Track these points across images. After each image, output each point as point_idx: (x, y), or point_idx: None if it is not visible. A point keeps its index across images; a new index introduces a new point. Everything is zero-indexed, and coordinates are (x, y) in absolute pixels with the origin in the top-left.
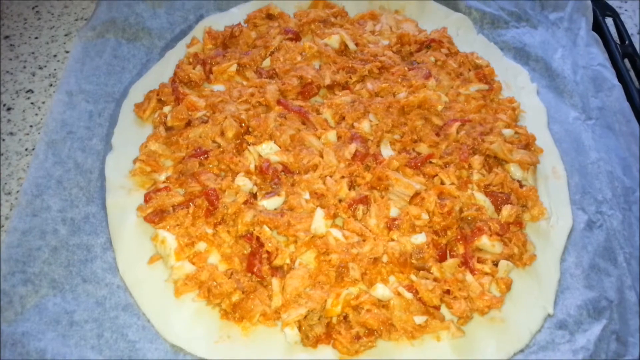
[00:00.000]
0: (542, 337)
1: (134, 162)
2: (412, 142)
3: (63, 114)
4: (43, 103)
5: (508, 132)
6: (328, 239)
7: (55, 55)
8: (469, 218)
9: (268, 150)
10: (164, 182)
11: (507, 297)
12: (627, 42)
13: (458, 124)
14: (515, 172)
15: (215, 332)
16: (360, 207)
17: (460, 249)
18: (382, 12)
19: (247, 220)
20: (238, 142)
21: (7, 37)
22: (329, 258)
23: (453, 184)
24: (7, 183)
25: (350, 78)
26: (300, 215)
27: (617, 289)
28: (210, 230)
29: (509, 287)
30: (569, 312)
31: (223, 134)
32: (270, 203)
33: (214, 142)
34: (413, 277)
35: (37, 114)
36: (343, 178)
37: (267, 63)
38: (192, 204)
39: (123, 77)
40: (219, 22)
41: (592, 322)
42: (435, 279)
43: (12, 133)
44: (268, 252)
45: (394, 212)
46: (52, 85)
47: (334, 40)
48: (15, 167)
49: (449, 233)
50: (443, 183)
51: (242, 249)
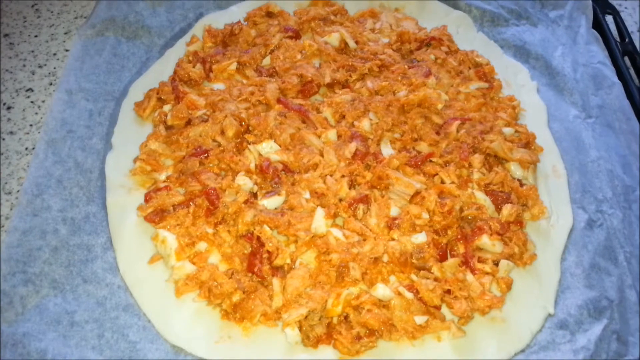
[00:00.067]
0: (542, 337)
1: (134, 161)
2: (412, 140)
3: (63, 113)
4: (43, 102)
5: (508, 130)
6: (328, 239)
7: (55, 54)
8: (470, 217)
9: (268, 149)
10: (164, 181)
11: (507, 296)
12: (627, 39)
13: (458, 123)
14: (516, 170)
15: (216, 332)
16: (361, 206)
17: (461, 249)
18: (382, 10)
19: (247, 220)
20: (238, 141)
21: (6, 35)
22: (330, 258)
23: (453, 183)
24: (7, 182)
25: (350, 76)
26: (301, 215)
27: (617, 289)
28: (211, 230)
29: (510, 286)
30: (570, 311)
31: (223, 133)
32: (271, 202)
33: (214, 141)
34: (413, 276)
35: (37, 113)
36: (343, 177)
37: (267, 61)
38: (192, 204)
39: (123, 75)
40: (219, 20)
41: (592, 321)
42: (436, 279)
43: (12, 132)
44: (268, 251)
45: (395, 211)
46: (51, 84)
47: (334, 39)
48: (16, 166)
49: (450, 232)
50: (443, 182)
51: (242, 249)
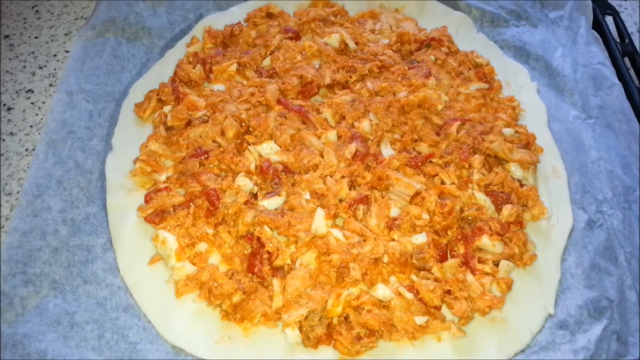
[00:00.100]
0: (542, 337)
1: (134, 162)
2: (412, 141)
3: (63, 114)
4: (43, 103)
5: (508, 131)
6: (329, 239)
7: (55, 55)
8: (470, 218)
9: (268, 150)
10: (165, 182)
11: (507, 297)
12: (627, 40)
13: (458, 123)
14: (516, 171)
15: (216, 332)
16: (361, 207)
17: (461, 249)
18: (382, 10)
19: (247, 221)
20: (238, 141)
21: (6, 36)
22: (330, 258)
23: (453, 184)
24: (7, 183)
25: (350, 77)
26: (301, 216)
27: (617, 289)
28: (211, 231)
29: (510, 287)
30: (570, 312)
31: (223, 134)
32: (271, 203)
33: (215, 142)
34: (414, 277)
35: (37, 114)
36: (343, 178)
37: (267, 62)
38: (192, 204)
39: (123, 76)
40: (219, 21)
41: (592, 322)
42: (436, 279)
43: (12, 133)
44: (269, 252)
45: (395, 212)
46: (52, 85)
47: (334, 39)
48: (16, 167)
49: (450, 233)
50: (443, 183)
51: (242, 250)
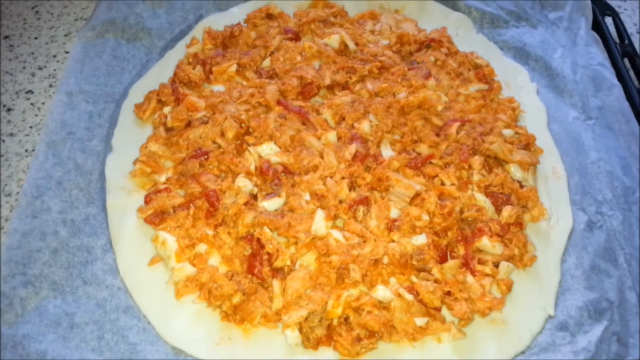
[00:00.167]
0: (543, 338)
1: (134, 163)
2: (412, 142)
3: (63, 115)
4: (43, 104)
5: (508, 132)
6: (328, 240)
7: (55, 56)
8: (470, 219)
9: (268, 151)
10: (164, 183)
11: (507, 298)
12: (626, 41)
13: (458, 124)
14: (516, 172)
15: (216, 334)
16: (361, 208)
17: (461, 250)
18: (381, 11)
19: (247, 222)
20: (238, 142)
21: (6, 37)
22: (330, 259)
23: (453, 185)
24: (7, 184)
25: (350, 78)
26: (301, 217)
27: (617, 290)
28: (211, 232)
29: (510, 288)
30: (570, 313)
31: (223, 135)
32: (271, 204)
33: (214, 142)
34: (414, 278)
35: (36, 115)
36: (343, 179)
37: (267, 63)
38: (192, 205)
39: (123, 77)
40: (219, 22)
41: (592, 323)
42: (436, 281)
43: (12, 134)
44: (269, 253)
45: (395, 213)
46: (52, 86)
47: (334, 40)
48: (15, 168)
49: (450, 234)
50: (443, 184)
51: (242, 251)
